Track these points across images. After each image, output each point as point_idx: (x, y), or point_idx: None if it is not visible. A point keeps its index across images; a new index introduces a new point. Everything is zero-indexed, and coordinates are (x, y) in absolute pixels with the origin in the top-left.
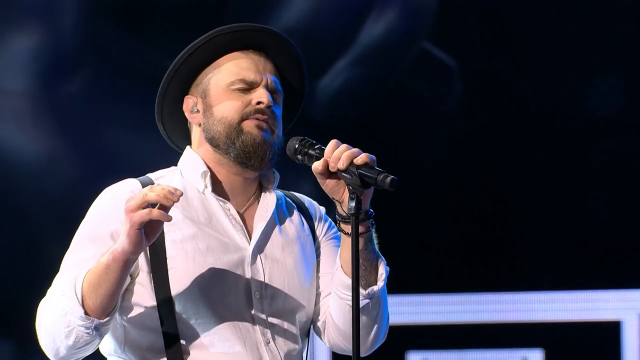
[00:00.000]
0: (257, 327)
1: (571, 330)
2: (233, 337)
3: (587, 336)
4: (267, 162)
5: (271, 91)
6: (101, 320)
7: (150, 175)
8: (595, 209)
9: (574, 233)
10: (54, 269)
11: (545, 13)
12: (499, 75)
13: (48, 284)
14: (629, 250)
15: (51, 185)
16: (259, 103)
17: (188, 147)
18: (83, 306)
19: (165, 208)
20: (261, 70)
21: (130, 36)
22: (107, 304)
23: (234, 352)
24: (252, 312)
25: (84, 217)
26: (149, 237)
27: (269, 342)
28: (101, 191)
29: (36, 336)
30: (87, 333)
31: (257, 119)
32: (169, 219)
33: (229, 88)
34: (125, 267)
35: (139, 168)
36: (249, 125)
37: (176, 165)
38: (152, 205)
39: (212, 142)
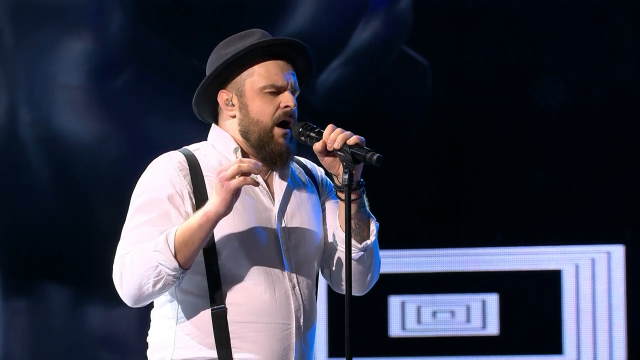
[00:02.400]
0: (286, 274)
1: (521, 277)
2: (266, 283)
3: (534, 282)
4: (287, 162)
5: (293, 91)
6: (186, 271)
7: (187, 147)
8: (540, 181)
9: (523, 200)
10: (103, 228)
11: (500, 22)
12: (463, 72)
13: (98, 239)
14: (567, 213)
15: (101, 162)
16: (286, 107)
17: (215, 125)
18: (176, 259)
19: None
20: (286, 73)
21: (166, 41)
22: (193, 257)
23: (267, 296)
24: (281, 261)
25: (130, 186)
26: (234, 200)
27: (295, 287)
28: (145, 164)
29: (89, 281)
30: (173, 281)
31: (285, 124)
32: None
33: (261, 91)
34: (214, 226)
35: (172, 148)
36: (278, 134)
37: (205, 140)
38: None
39: (245, 135)
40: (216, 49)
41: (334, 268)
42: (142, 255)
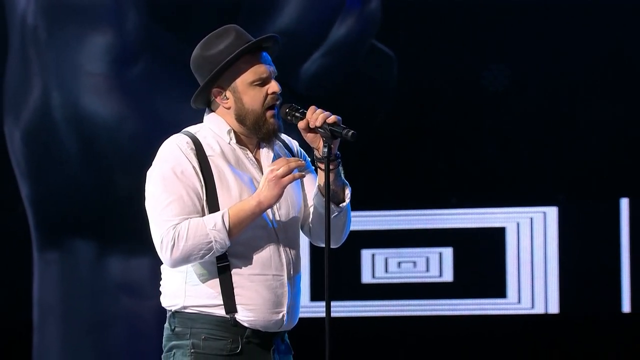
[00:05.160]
0: (278, 235)
1: (472, 234)
2: (262, 242)
3: (483, 238)
4: (278, 136)
5: (275, 76)
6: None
7: (188, 129)
8: (489, 153)
9: (473, 169)
10: (122, 193)
11: (455, 20)
12: (424, 62)
13: (117, 202)
14: (510, 180)
15: (120, 137)
16: (273, 93)
17: (210, 111)
18: (229, 237)
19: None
20: (267, 64)
21: (175, 36)
22: (239, 234)
23: (263, 253)
24: (272, 223)
25: (145, 158)
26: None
27: (285, 245)
28: (157, 140)
29: (110, 237)
30: (217, 252)
31: (272, 107)
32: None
33: (251, 84)
34: (262, 214)
35: (179, 126)
36: (269, 115)
37: (201, 122)
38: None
39: (240, 121)
40: (198, 49)
41: (313, 226)
42: (199, 230)
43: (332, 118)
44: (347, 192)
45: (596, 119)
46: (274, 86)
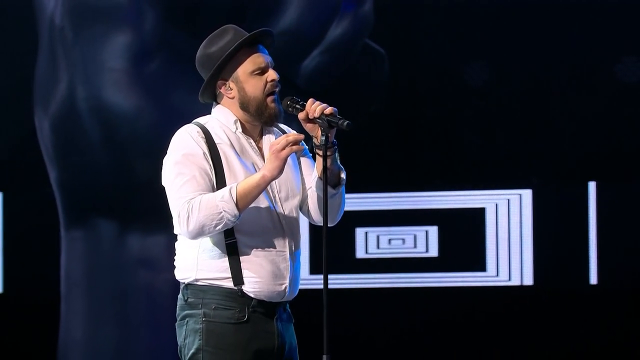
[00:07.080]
0: (279, 216)
1: (455, 214)
2: (265, 221)
3: (465, 217)
4: (279, 119)
5: (272, 66)
6: (240, 216)
7: (198, 120)
8: (470, 141)
9: (456, 155)
10: (140, 177)
11: (439, 20)
12: (412, 59)
13: (136, 185)
14: (489, 165)
15: (138, 127)
16: (272, 80)
17: (217, 103)
18: (237, 208)
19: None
20: (264, 55)
21: (188, 34)
22: (247, 206)
23: (267, 231)
24: (274, 205)
25: (161, 145)
26: (284, 165)
27: (286, 224)
28: (172, 129)
29: (129, 216)
30: (230, 224)
31: (272, 93)
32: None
33: (252, 74)
34: (267, 186)
35: (192, 116)
36: (270, 100)
37: (209, 114)
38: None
39: (245, 109)
40: (201, 49)
41: (311, 207)
42: (209, 202)
43: (329, 109)
44: (343, 176)
45: (567, 110)
46: (272, 74)
